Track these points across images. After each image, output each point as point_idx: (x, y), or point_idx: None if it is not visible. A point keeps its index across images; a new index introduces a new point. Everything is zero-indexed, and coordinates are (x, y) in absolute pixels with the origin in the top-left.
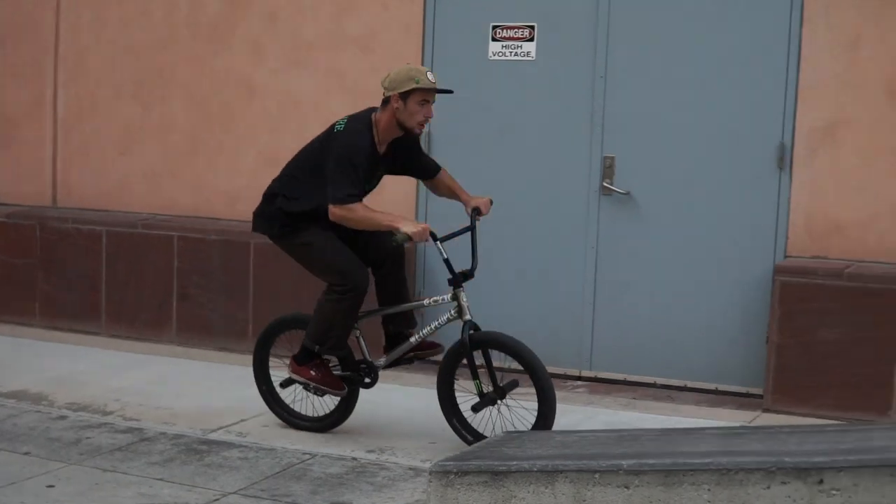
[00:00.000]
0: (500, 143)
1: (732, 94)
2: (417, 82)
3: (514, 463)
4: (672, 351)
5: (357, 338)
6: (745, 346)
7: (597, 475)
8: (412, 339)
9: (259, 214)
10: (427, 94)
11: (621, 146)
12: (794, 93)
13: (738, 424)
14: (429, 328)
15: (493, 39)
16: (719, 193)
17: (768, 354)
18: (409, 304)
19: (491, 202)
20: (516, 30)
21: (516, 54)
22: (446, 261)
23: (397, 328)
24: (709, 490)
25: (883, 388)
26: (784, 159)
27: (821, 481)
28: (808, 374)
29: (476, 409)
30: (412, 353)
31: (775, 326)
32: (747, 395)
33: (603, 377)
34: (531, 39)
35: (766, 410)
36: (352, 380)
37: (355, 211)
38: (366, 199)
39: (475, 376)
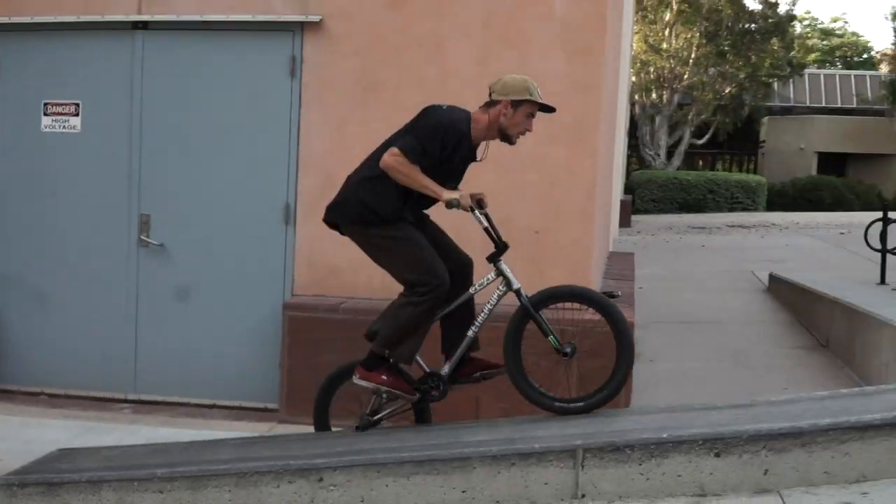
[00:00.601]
0: (53, 205)
1: (247, 163)
2: (531, 95)
3: (67, 475)
4: (203, 375)
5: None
6: (264, 368)
7: (136, 483)
8: (469, 334)
9: (339, 203)
10: (534, 109)
11: (156, 205)
12: (296, 162)
13: (256, 434)
14: (483, 314)
15: (45, 114)
16: (238, 243)
17: (281, 375)
18: (461, 298)
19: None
20: (64, 106)
21: (64, 127)
22: (487, 229)
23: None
24: (229, 491)
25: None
26: (289, 216)
27: (321, 479)
28: (315, 391)
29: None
30: (480, 374)
31: (286, 352)
32: (265, 409)
33: (146, 399)
34: (77, 115)
35: (281, 422)
36: (420, 393)
37: (407, 164)
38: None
39: (549, 333)
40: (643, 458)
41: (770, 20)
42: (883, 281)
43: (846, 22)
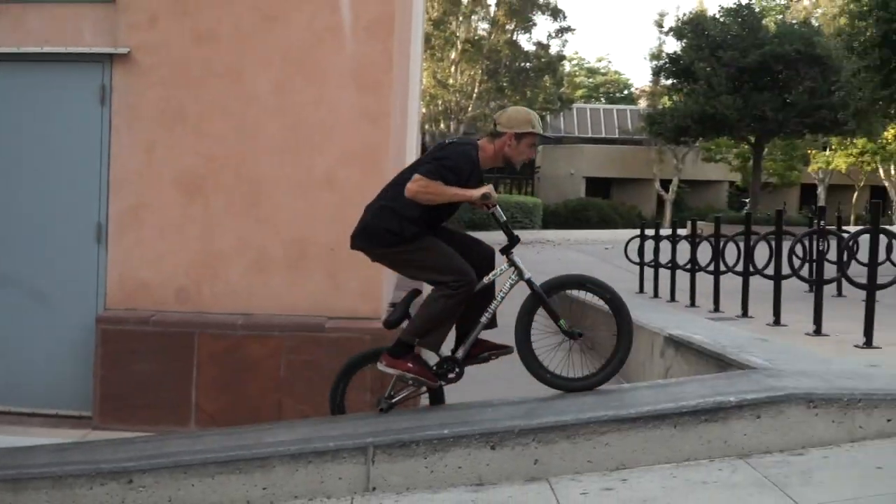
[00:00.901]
0: None
1: (62, 185)
2: (534, 127)
3: None
4: (23, 385)
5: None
6: (79, 378)
7: None
8: (482, 320)
9: (362, 231)
10: (536, 139)
11: None
12: (107, 184)
13: (71, 441)
14: (496, 301)
15: None
16: (53, 260)
17: (94, 385)
18: (477, 287)
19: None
20: None
21: None
22: (504, 223)
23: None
24: (46, 493)
25: (184, 407)
26: (101, 234)
27: (130, 481)
28: (127, 399)
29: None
30: (488, 353)
31: (99, 363)
32: (81, 417)
33: None
34: None
35: (95, 429)
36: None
37: (431, 184)
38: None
39: (558, 318)
40: (427, 453)
41: (543, 60)
42: (641, 290)
43: (609, 62)
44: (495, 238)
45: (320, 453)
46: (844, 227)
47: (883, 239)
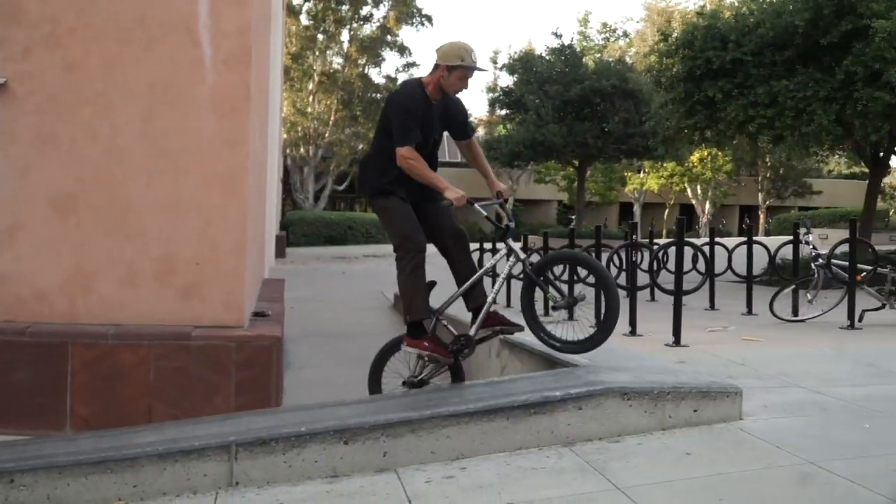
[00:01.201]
0: None
1: None
2: (462, 60)
3: None
4: None
5: (444, 325)
6: None
7: None
8: (489, 299)
9: (360, 178)
10: (466, 72)
11: None
12: None
13: None
14: (499, 281)
15: None
16: None
17: None
18: (477, 275)
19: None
20: None
21: None
22: (486, 217)
23: (475, 303)
24: None
25: (60, 412)
26: None
27: (12, 480)
28: (7, 405)
29: (554, 309)
30: (500, 328)
31: None
32: None
33: None
34: None
35: None
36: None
37: (417, 161)
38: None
39: (546, 291)
40: (286, 449)
41: (392, 91)
42: None
43: None
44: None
45: (186, 452)
46: (656, 240)
47: (689, 250)
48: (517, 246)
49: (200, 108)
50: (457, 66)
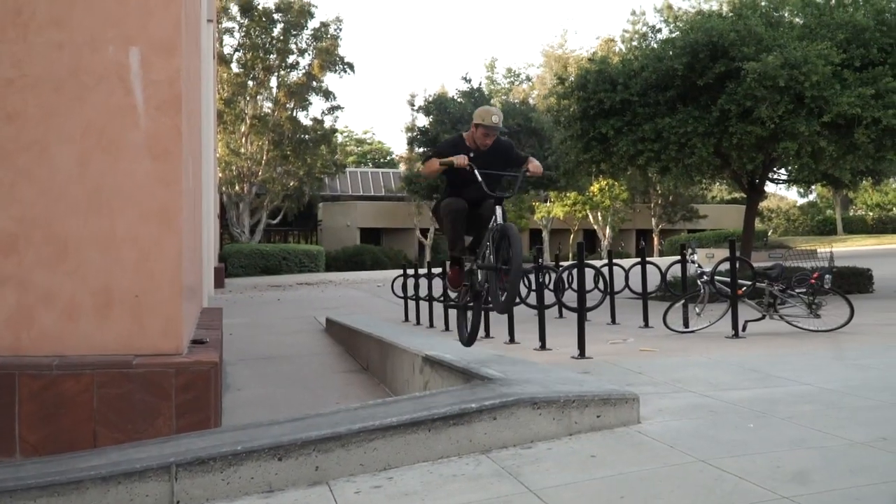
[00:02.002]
0: None
1: None
2: (482, 121)
3: None
4: None
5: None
6: None
7: None
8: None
9: None
10: (486, 130)
11: None
12: None
13: None
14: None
15: None
16: None
17: None
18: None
19: (539, 168)
20: None
21: None
22: (481, 182)
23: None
24: None
25: (9, 439)
26: None
27: None
28: None
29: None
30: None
31: None
32: None
33: None
34: None
35: None
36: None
37: (422, 166)
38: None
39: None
40: (224, 468)
41: (319, 132)
42: (406, 319)
43: (374, 133)
44: None
45: (129, 474)
46: (561, 263)
47: (591, 271)
48: (499, 212)
49: (134, 150)
50: (479, 125)
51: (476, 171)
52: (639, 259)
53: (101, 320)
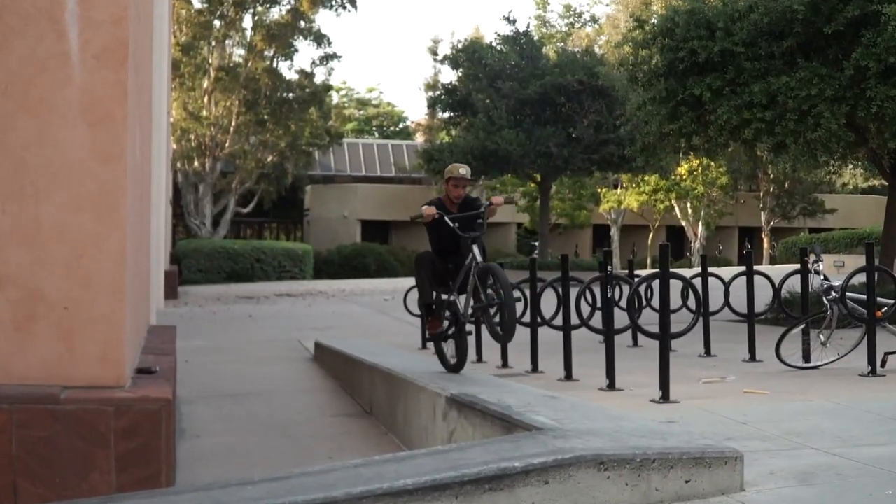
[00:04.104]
0: None
1: None
2: (451, 174)
3: None
4: None
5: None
6: None
7: None
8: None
9: None
10: (456, 181)
11: None
12: None
13: None
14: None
15: None
16: None
17: None
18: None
19: (499, 199)
20: None
21: None
22: (454, 229)
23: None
24: None
25: None
26: None
27: None
28: None
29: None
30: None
31: None
32: None
33: None
34: None
35: None
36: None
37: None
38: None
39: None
40: None
41: (307, 90)
42: (424, 346)
43: (381, 92)
44: None
45: None
46: (637, 272)
47: (678, 283)
48: (477, 251)
49: (66, 114)
50: (449, 178)
51: (446, 218)
52: (743, 268)
53: (20, 339)
